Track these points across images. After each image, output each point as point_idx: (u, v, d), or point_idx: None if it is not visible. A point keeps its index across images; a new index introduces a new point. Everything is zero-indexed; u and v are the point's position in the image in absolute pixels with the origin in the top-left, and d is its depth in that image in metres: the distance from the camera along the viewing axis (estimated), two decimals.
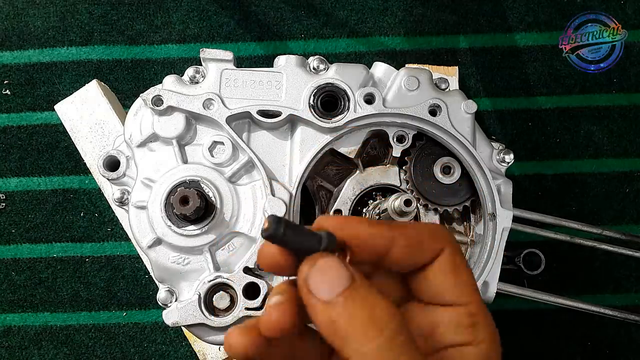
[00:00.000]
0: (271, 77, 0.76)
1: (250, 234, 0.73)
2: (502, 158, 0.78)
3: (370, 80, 0.78)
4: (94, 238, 1.53)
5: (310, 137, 0.75)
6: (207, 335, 0.73)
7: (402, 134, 0.77)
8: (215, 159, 0.75)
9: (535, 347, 1.46)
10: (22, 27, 1.62)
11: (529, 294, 0.82)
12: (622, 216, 1.53)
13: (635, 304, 1.49)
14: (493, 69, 1.60)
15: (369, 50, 1.60)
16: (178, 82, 0.76)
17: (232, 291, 0.71)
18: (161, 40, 1.61)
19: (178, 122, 0.75)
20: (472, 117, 0.77)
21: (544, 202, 1.53)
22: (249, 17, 1.62)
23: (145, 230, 0.74)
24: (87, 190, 1.54)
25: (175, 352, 1.48)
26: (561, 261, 1.44)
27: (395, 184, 0.80)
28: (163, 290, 0.74)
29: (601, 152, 1.56)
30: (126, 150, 0.77)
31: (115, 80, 1.59)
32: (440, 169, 0.78)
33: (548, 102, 1.58)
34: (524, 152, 1.55)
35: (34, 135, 1.57)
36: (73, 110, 1.05)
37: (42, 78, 1.59)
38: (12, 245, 1.53)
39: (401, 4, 1.62)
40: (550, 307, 0.99)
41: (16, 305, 1.51)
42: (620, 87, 1.58)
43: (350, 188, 0.80)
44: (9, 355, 1.50)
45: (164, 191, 0.72)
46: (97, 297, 1.51)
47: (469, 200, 0.79)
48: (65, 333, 1.50)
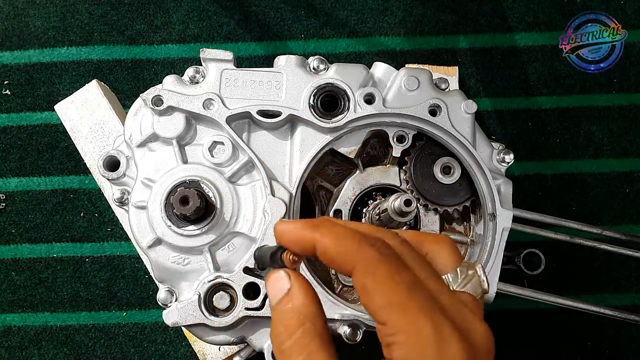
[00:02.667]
0: (271, 77, 0.76)
1: (250, 234, 0.73)
2: (502, 158, 0.78)
3: (370, 80, 0.78)
4: (94, 238, 1.53)
5: (310, 137, 0.75)
6: (207, 335, 0.73)
7: (402, 134, 0.77)
8: (215, 159, 0.75)
9: (535, 347, 1.46)
10: (22, 27, 1.62)
11: (529, 294, 0.82)
12: (622, 216, 1.53)
13: (635, 304, 1.49)
14: (493, 69, 1.60)
15: (369, 50, 1.60)
16: (178, 82, 0.76)
17: (232, 291, 0.71)
18: (161, 40, 1.61)
19: (178, 122, 0.75)
20: (472, 117, 0.77)
21: (544, 202, 1.53)
22: (249, 17, 1.62)
23: (145, 230, 0.74)
24: (87, 190, 1.54)
25: (175, 352, 1.48)
26: (561, 261, 1.43)
27: (395, 184, 0.80)
28: (163, 290, 0.74)
29: (601, 152, 1.56)
30: (126, 150, 0.77)
31: (115, 80, 1.59)
32: (440, 169, 0.78)
33: (548, 102, 1.58)
34: (524, 152, 1.55)
35: (34, 135, 1.57)
36: (73, 110, 1.05)
37: (42, 78, 1.59)
38: (12, 245, 1.53)
39: (401, 4, 1.62)
40: (550, 307, 0.99)
41: (16, 305, 1.51)
42: (620, 87, 1.58)
43: (350, 188, 0.80)
44: (9, 355, 1.50)
45: (164, 191, 0.72)
46: (97, 297, 1.51)
47: (469, 200, 0.79)
48: (65, 333, 1.50)
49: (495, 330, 0.44)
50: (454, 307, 0.42)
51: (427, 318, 0.39)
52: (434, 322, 0.39)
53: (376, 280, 0.41)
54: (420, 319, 0.39)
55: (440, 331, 0.39)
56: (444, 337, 0.39)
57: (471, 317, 0.42)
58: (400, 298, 0.40)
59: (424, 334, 0.39)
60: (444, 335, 0.39)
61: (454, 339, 0.39)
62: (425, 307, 0.40)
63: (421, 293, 0.40)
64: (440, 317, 0.40)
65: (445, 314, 0.40)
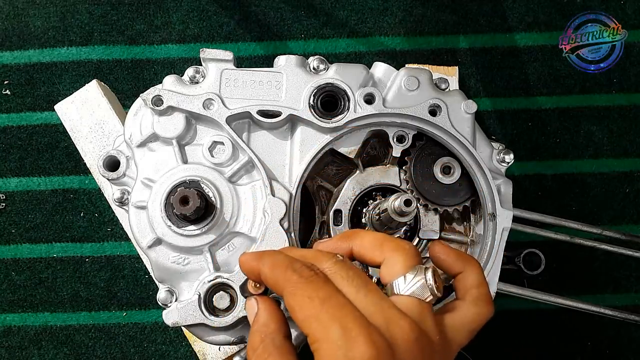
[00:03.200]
0: (271, 77, 0.76)
1: (250, 234, 0.73)
2: (502, 158, 0.78)
3: (370, 80, 0.78)
4: (94, 238, 1.53)
5: (310, 137, 0.75)
6: (207, 335, 0.73)
7: (402, 134, 0.77)
8: (215, 159, 0.75)
9: (535, 347, 1.46)
10: (22, 27, 1.62)
11: (529, 294, 0.82)
12: (622, 216, 1.53)
13: (635, 304, 1.49)
14: (493, 69, 1.60)
15: (369, 50, 1.61)
16: (178, 82, 0.76)
17: (232, 291, 0.71)
18: (161, 40, 1.61)
19: (178, 122, 0.75)
20: (472, 117, 0.77)
21: (544, 202, 1.53)
22: (249, 17, 1.62)
23: (145, 230, 0.73)
24: (87, 190, 1.54)
25: (175, 352, 1.48)
26: (561, 261, 1.44)
27: (395, 184, 0.80)
28: (163, 290, 0.74)
29: (601, 152, 1.56)
30: (126, 150, 0.77)
31: (115, 80, 1.59)
32: (440, 169, 0.78)
33: (548, 102, 1.58)
34: (524, 152, 1.55)
35: (34, 135, 1.57)
36: (73, 110, 1.05)
37: (42, 78, 1.60)
38: (12, 245, 1.53)
39: (401, 4, 1.62)
40: (550, 307, 0.99)
41: (16, 305, 1.51)
42: (620, 87, 1.59)
43: (350, 188, 0.80)
44: (9, 355, 1.50)
45: (164, 191, 0.72)
46: (97, 297, 1.51)
47: (469, 200, 0.79)
48: (65, 333, 1.50)
49: (496, 330, 0.44)
50: (373, 309, 0.46)
51: (336, 324, 0.44)
52: (343, 326, 0.44)
53: (296, 300, 0.48)
54: (331, 325, 0.44)
55: (347, 333, 0.44)
56: (351, 338, 0.43)
57: (395, 315, 0.46)
58: (314, 311, 0.46)
59: (334, 338, 0.44)
60: (351, 335, 0.44)
61: (361, 338, 0.43)
62: (336, 315, 0.45)
63: (334, 303, 0.46)
64: (351, 321, 0.44)
65: (358, 318, 0.45)
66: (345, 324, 0.44)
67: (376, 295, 0.48)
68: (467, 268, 0.60)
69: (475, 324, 0.56)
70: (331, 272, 0.50)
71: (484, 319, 0.57)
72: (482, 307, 0.57)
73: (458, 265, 0.61)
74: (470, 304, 0.57)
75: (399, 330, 0.46)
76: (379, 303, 0.47)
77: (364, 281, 0.49)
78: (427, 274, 0.51)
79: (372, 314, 0.46)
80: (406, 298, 0.50)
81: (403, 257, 0.52)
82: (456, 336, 0.54)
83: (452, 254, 0.61)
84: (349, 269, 0.51)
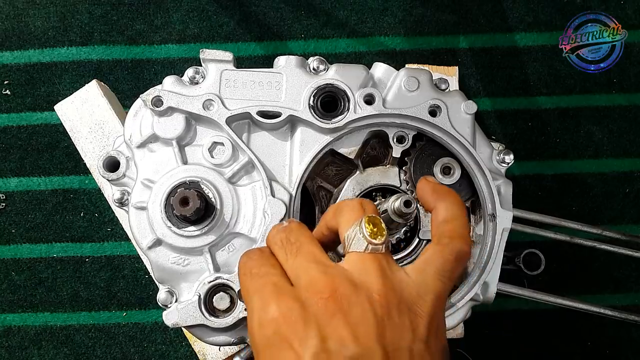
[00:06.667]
0: (271, 77, 0.76)
1: (250, 234, 0.73)
2: (502, 158, 0.78)
3: (370, 81, 0.78)
4: (94, 238, 1.53)
5: (310, 138, 0.75)
6: (207, 336, 0.73)
7: (402, 135, 0.77)
8: (215, 159, 0.75)
9: (535, 347, 1.46)
10: (22, 27, 1.62)
11: (529, 294, 0.82)
12: (622, 216, 1.53)
13: (635, 304, 1.49)
14: (493, 69, 1.60)
15: (369, 50, 1.60)
16: (178, 82, 0.76)
17: (232, 292, 0.71)
18: (161, 40, 1.61)
19: (178, 122, 0.75)
20: (472, 118, 0.77)
21: (544, 202, 1.53)
22: (249, 17, 1.62)
23: (145, 231, 0.74)
24: (87, 190, 1.54)
25: (175, 352, 1.48)
26: (561, 261, 1.44)
27: (395, 184, 0.80)
28: (163, 291, 0.74)
29: (601, 152, 1.56)
30: (126, 150, 0.77)
31: (115, 80, 1.59)
32: (440, 169, 0.78)
33: (548, 102, 1.58)
34: (524, 152, 1.55)
35: (34, 135, 1.57)
36: (73, 110, 1.05)
37: (42, 78, 1.60)
38: (12, 245, 1.53)
39: (401, 4, 1.62)
40: (550, 307, 0.99)
41: (16, 305, 1.51)
42: (620, 87, 1.59)
43: (350, 189, 0.80)
44: (9, 355, 1.50)
45: (164, 192, 0.72)
46: (97, 297, 1.51)
47: (469, 201, 0.79)
48: (65, 333, 1.50)
49: (496, 331, 0.44)
50: (299, 272, 0.50)
51: (257, 294, 0.49)
52: (260, 295, 0.49)
53: (239, 279, 0.53)
54: (253, 295, 0.50)
55: (264, 301, 0.48)
56: (265, 304, 0.48)
57: (315, 276, 0.48)
58: (245, 285, 0.51)
59: (254, 307, 0.49)
60: (265, 297, 0.48)
61: (272, 302, 0.47)
62: (257, 285, 0.50)
63: (258, 274, 0.51)
64: (268, 289, 0.49)
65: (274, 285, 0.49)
66: (263, 293, 0.49)
67: (304, 258, 0.50)
68: (437, 204, 0.57)
69: (439, 262, 0.51)
70: (271, 242, 0.54)
71: (448, 256, 0.52)
72: (447, 243, 0.53)
73: (431, 200, 0.58)
74: (434, 242, 0.54)
75: (312, 288, 0.47)
76: (304, 265, 0.50)
77: (296, 246, 0.52)
78: (361, 225, 0.50)
79: (297, 277, 0.49)
80: (348, 255, 0.50)
81: (345, 216, 0.53)
82: (425, 279, 0.50)
83: (427, 188, 0.59)
84: (289, 234, 0.53)
